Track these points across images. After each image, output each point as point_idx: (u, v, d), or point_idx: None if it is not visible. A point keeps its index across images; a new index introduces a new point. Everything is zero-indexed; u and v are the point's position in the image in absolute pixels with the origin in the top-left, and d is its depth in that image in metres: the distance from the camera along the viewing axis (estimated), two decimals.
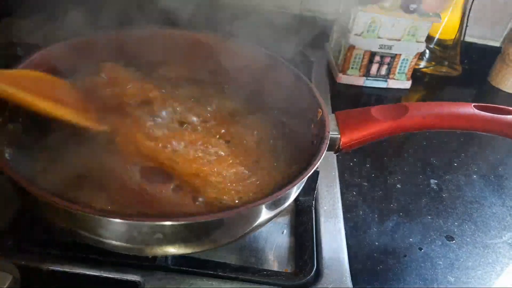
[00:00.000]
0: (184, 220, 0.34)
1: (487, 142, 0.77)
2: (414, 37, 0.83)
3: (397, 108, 0.47)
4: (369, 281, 0.49)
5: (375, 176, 0.65)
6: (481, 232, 0.58)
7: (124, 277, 0.42)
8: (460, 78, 0.98)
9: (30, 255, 0.42)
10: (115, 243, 0.36)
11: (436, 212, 0.60)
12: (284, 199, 0.41)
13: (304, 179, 0.39)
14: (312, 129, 0.48)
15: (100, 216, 0.33)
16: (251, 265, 0.47)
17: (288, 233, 0.52)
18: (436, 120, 0.46)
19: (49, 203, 0.33)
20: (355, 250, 0.51)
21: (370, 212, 0.58)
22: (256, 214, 0.39)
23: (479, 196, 0.65)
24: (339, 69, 0.87)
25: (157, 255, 0.42)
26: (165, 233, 0.35)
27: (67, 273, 0.42)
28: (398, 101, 0.87)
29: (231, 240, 0.41)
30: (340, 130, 0.46)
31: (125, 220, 0.33)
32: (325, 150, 0.42)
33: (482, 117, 0.45)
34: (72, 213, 0.33)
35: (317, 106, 0.48)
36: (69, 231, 0.38)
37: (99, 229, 0.35)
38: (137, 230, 0.34)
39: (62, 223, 0.37)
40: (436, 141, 0.75)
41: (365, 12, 0.79)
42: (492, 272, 0.53)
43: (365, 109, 0.48)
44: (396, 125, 0.46)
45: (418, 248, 0.54)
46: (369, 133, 0.46)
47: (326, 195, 0.57)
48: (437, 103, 0.47)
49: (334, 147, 0.47)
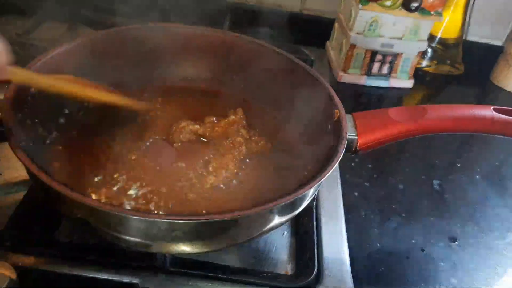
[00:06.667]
0: (199, 219, 0.34)
1: (490, 142, 0.77)
2: (416, 36, 0.82)
3: (415, 110, 0.47)
4: (371, 283, 0.48)
5: (377, 177, 0.64)
6: (484, 234, 0.57)
7: (122, 279, 0.42)
8: (462, 77, 0.97)
9: (28, 256, 0.42)
10: (132, 239, 0.36)
11: (439, 213, 0.60)
12: (301, 200, 0.41)
13: (322, 181, 0.38)
14: (328, 130, 0.47)
15: (119, 213, 0.33)
16: (251, 267, 0.47)
17: (289, 234, 0.51)
18: (455, 123, 0.46)
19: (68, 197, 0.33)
20: (356, 252, 0.50)
21: (372, 213, 0.57)
22: (273, 214, 0.39)
23: (482, 197, 0.64)
24: (340, 68, 0.86)
25: (172, 252, 0.42)
26: (182, 231, 0.35)
27: (65, 274, 0.42)
28: (400, 100, 0.87)
29: (246, 239, 0.41)
30: (358, 131, 0.46)
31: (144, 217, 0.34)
32: (343, 151, 0.42)
33: (503, 120, 0.45)
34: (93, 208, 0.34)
35: (334, 107, 0.47)
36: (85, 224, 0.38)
37: (118, 226, 0.35)
38: (156, 227, 0.35)
39: (81, 216, 0.37)
40: (439, 142, 0.74)
41: (366, 11, 0.78)
42: (495, 274, 0.52)
43: (382, 110, 0.48)
44: (414, 127, 0.46)
45: (420, 250, 0.53)
46: (386, 134, 0.46)
47: (327, 195, 0.56)
48: (456, 105, 0.47)
49: (351, 149, 0.46)
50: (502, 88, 0.95)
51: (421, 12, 0.79)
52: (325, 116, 0.48)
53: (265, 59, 0.56)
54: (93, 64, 0.52)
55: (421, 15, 0.79)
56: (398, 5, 0.78)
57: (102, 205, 0.33)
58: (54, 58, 0.47)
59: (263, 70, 0.57)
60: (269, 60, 0.56)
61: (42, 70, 0.44)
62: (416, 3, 0.78)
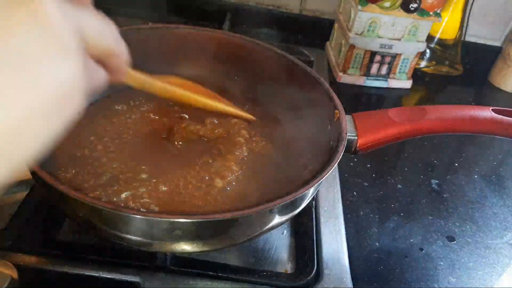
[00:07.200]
0: (200, 218, 0.34)
1: (488, 142, 0.77)
2: (414, 37, 0.82)
3: (415, 111, 0.47)
4: (370, 282, 0.48)
5: (376, 176, 0.64)
6: (482, 233, 0.58)
7: (123, 278, 0.42)
8: (461, 78, 0.97)
9: (29, 256, 0.42)
10: (134, 238, 0.37)
11: (437, 212, 0.60)
12: (301, 200, 0.41)
13: (322, 180, 0.39)
14: (328, 131, 0.48)
15: (122, 212, 0.34)
16: (251, 266, 0.47)
17: (288, 233, 0.52)
18: (454, 124, 0.46)
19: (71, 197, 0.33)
20: (355, 251, 0.51)
21: (371, 212, 0.58)
22: (273, 214, 0.39)
23: (480, 196, 0.64)
24: (339, 69, 0.86)
25: (173, 251, 0.42)
26: (183, 230, 0.35)
27: (66, 273, 0.42)
28: (399, 100, 0.87)
29: (247, 239, 0.41)
30: (357, 132, 0.46)
31: (145, 216, 0.34)
32: (343, 151, 0.42)
33: (501, 121, 0.45)
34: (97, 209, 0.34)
35: (334, 107, 0.47)
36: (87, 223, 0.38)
37: (119, 225, 0.36)
38: (157, 226, 0.35)
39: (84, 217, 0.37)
40: (437, 141, 0.75)
41: (365, 12, 0.78)
42: (493, 273, 0.52)
43: (382, 111, 0.48)
44: (413, 128, 0.46)
45: (419, 249, 0.54)
46: (386, 135, 0.46)
47: (326, 195, 0.56)
48: (455, 106, 0.47)
49: (350, 149, 0.47)
50: (500, 89, 0.96)
51: (420, 13, 0.80)
52: (325, 116, 0.48)
53: (265, 60, 0.56)
54: None
55: (420, 16, 0.80)
56: (397, 6, 0.79)
57: (104, 204, 0.33)
58: None
59: (263, 71, 0.57)
60: (269, 61, 0.56)
61: None
62: (415, 4, 0.78)
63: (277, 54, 0.56)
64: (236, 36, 0.58)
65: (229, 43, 0.58)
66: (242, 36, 0.58)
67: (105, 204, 0.33)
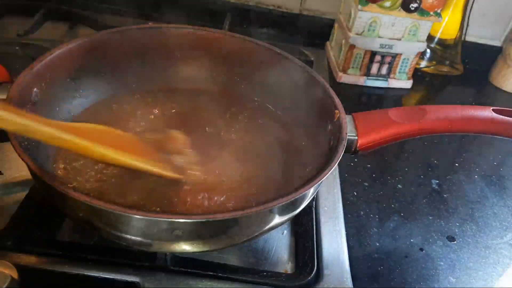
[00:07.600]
0: (200, 218, 0.34)
1: (488, 142, 0.77)
2: (415, 37, 0.82)
3: (415, 111, 0.47)
4: (370, 282, 0.48)
5: (376, 176, 0.64)
6: (482, 233, 0.58)
7: (123, 278, 0.42)
8: (461, 78, 0.97)
9: (29, 256, 0.42)
10: (134, 238, 0.37)
11: (437, 212, 0.60)
12: (301, 200, 0.41)
13: (322, 180, 0.39)
14: (328, 131, 0.47)
15: (122, 212, 0.34)
16: (251, 266, 0.47)
17: (288, 233, 0.52)
18: (454, 124, 0.46)
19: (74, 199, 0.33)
20: (355, 251, 0.51)
21: (371, 212, 0.58)
22: (273, 214, 0.39)
23: (481, 196, 0.64)
24: (339, 69, 0.86)
25: (173, 251, 0.42)
26: (183, 230, 0.35)
27: (66, 273, 0.42)
28: (399, 100, 0.87)
29: (247, 239, 0.41)
30: (358, 132, 0.46)
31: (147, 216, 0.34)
32: (343, 151, 0.42)
33: (501, 121, 0.45)
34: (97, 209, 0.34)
35: (334, 107, 0.47)
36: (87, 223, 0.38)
37: (119, 225, 0.36)
38: (158, 226, 0.35)
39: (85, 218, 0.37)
40: (438, 141, 0.75)
41: (365, 11, 0.78)
42: (493, 273, 0.52)
43: (382, 110, 0.48)
44: (414, 128, 0.46)
45: (419, 249, 0.54)
46: (386, 135, 0.46)
47: (327, 195, 0.56)
48: (455, 106, 0.47)
49: (350, 149, 0.46)
50: (500, 89, 0.96)
51: (420, 13, 0.80)
52: (325, 116, 0.48)
53: (265, 60, 0.56)
54: (93, 64, 0.52)
55: (420, 15, 0.80)
56: (397, 6, 0.79)
57: (103, 204, 0.33)
58: (54, 58, 0.47)
59: (263, 71, 0.57)
60: (269, 61, 0.56)
61: (42, 70, 0.45)
62: (415, 4, 0.78)
63: (277, 54, 0.56)
64: (236, 36, 0.58)
65: (229, 43, 0.58)
66: (242, 36, 0.58)
67: (105, 204, 0.33)
